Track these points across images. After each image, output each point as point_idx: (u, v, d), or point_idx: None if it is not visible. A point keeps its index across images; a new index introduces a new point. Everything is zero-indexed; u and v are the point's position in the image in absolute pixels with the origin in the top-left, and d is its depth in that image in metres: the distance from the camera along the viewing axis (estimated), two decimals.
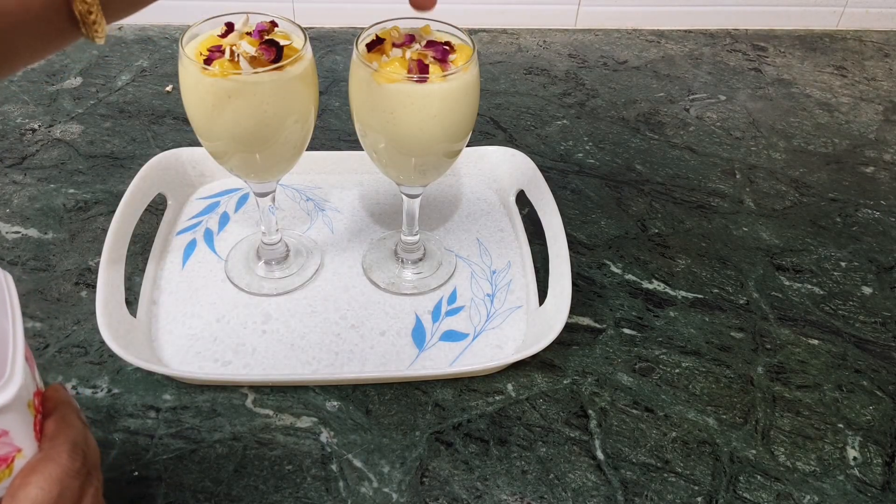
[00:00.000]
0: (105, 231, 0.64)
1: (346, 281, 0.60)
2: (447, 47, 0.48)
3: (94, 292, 0.53)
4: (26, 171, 0.70)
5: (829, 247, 0.67)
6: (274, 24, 0.50)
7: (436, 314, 0.58)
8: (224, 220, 0.66)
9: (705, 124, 0.83)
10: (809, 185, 0.75)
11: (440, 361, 0.54)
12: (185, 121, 0.78)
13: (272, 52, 0.46)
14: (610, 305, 0.60)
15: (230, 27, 0.49)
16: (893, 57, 0.99)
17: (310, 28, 0.97)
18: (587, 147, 0.78)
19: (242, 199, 0.68)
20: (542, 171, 0.67)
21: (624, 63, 0.94)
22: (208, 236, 0.64)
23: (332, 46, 0.94)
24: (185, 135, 0.76)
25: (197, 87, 0.46)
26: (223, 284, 0.59)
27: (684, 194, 0.72)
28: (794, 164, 0.78)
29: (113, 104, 0.81)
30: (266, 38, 0.48)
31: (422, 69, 0.46)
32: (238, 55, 0.46)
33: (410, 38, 0.49)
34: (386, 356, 0.54)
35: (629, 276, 0.63)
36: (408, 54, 0.47)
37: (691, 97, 0.88)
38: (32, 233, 0.63)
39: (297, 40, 0.50)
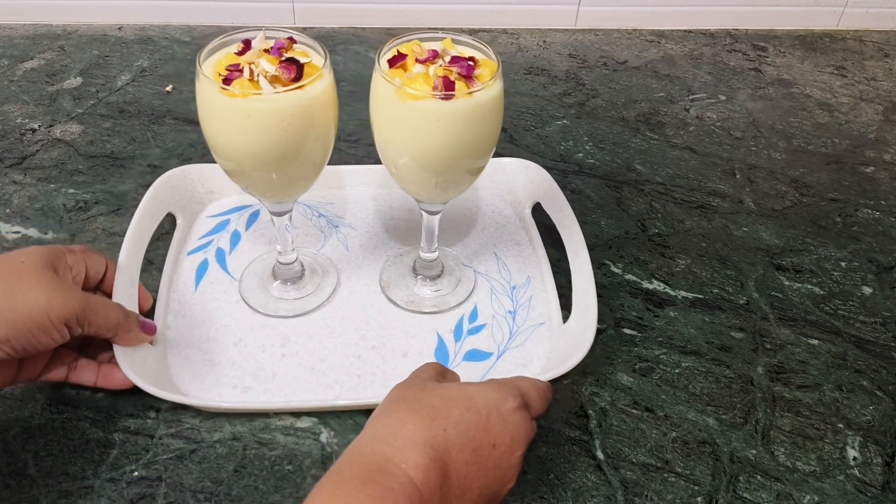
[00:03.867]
0: (105, 231, 0.64)
1: (363, 300, 0.59)
2: (472, 62, 0.46)
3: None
4: (26, 171, 0.70)
5: (829, 247, 0.67)
6: (292, 41, 0.48)
7: (458, 333, 0.56)
8: (235, 238, 0.63)
9: (705, 124, 0.83)
10: (809, 185, 0.75)
11: None
12: (186, 121, 0.78)
13: (292, 69, 0.45)
14: (610, 305, 0.60)
15: (247, 44, 0.47)
16: (893, 57, 0.99)
17: (310, 28, 0.97)
18: (587, 147, 0.78)
19: (253, 217, 0.66)
20: None
21: (624, 63, 0.94)
22: (220, 256, 0.62)
23: (332, 46, 0.94)
24: (185, 135, 0.76)
25: (215, 106, 0.45)
26: (238, 306, 0.57)
27: (684, 194, 0.72)
28: (794, 164, 0.78)
29: (113, 104, 0.81)
30: (285, 55, 0.46)
31: (447, 86, 0.45)
32: (258, 74, 0.44)
33: (434, 54, 0.47)
34: None
35: (629, 276, 0.63)
36: (431, 70, 0.46)
37: (691, 97, 0.88)
38: (32, 233, 0.63)
39: (317, 57, 0.48)
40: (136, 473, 0.46)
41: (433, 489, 0.35)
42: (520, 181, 0.69)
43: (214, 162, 0.51)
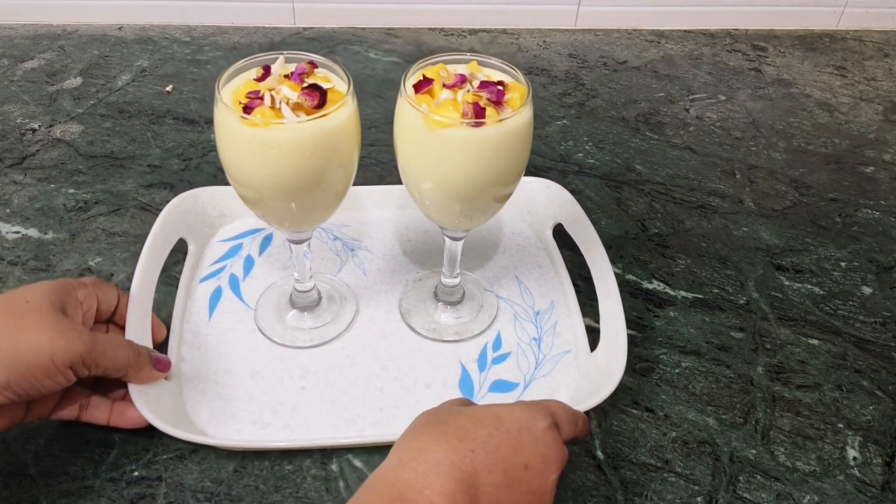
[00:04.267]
0: (105, 231, 0.64)
1: (383, 328, 0.56)
2: (501, 87, 0.45)
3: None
4: (26, 171, 0.70)
5: (829, 247, 0.67)
6: (313, 65, 0.46)
7: (482, 362, 0.54)
8: (249, 264, 0.61)
9: (705, 124, 0.83)
10: (809, 185, 0.75)
11: None
12: (185, 121, 0.78)
13: (315, 96, 0.43)
14: None
15: (267, 70, 0.46)
16: (893, 57, 0.99)
17: (310, 28, 0.97)
18: (587, 147, 0.78)
19: (266, 241, 0.63)
20: (542, 171, 0.67)
21: (624, 63, 0.94)
22: (234, 283, 0.59)
23: (331, 47, 0.94)
24: (184, 135, 0.76)
25: (235, 136, 0.43)
26: (254, 336, 0.55)
27: (684, 194, 0.72)
28: (794, 164, 0.78)
29: (113, 104, 0.81)
30: (307, 81, 0.45)
31: (477, 113, 0.43)
32: (280, 101, 0.43)
33: (462, 79, 0.45)
34: None
35: (629, 276, 0.63)
36: (459, 96, 0.44)
37: (691, 97, 0.88)
38: (32, 233, 0.63)
39: (338, 81, 0.46)
40: (136, 473, 0.46)
41: None
42: (540, 201, 0.66)
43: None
